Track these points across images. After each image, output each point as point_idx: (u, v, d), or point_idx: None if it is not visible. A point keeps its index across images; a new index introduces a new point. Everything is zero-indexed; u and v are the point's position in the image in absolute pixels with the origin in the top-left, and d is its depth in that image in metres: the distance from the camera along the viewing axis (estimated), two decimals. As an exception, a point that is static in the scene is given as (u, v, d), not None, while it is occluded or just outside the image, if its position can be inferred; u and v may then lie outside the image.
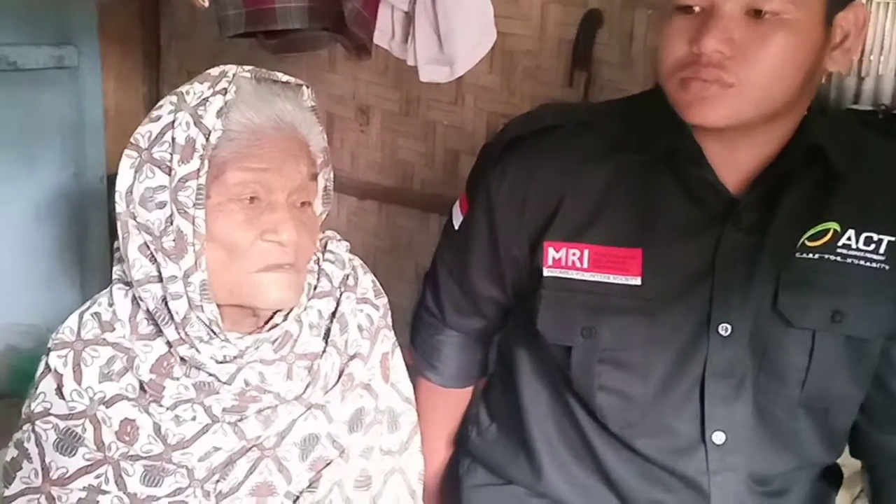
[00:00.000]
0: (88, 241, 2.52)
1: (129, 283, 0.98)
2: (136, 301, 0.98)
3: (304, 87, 1.02)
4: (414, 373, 1.20)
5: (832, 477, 1.23)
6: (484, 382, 1.41)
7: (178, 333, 0.95)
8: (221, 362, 0.96)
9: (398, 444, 1.09)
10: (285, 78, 1.01)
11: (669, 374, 1.09)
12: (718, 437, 1.08)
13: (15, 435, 0.99)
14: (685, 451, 1.10)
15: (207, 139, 0.92)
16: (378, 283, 1.14)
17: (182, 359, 0.97)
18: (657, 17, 1.61)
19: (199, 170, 0.92)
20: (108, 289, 1.02)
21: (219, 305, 0.95)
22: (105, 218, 2.50)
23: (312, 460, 1.00)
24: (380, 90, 2.08)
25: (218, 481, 0.96)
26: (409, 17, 1.83)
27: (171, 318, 0.95)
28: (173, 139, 0.93)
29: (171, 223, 0.93)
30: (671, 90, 1.01)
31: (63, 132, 2.46)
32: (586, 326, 1.10)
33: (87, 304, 1.03)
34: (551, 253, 1.11)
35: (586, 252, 1.09)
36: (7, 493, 0.96)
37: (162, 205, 0.94)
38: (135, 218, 0.94)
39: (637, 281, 1.07)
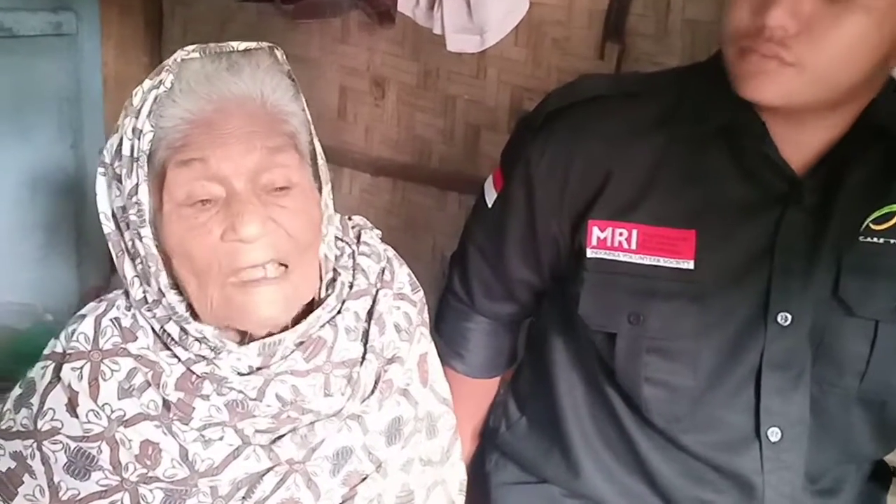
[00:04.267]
0: (86, 215, 2.45)
1: (148, 282, 0.91)
2: None
3: (272, 49, 0.91)
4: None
5: (882, 476, 1.21)
6: (511, 372, 1.37)
7: (189, 353, 0.87)
8: (245, 374, 0.87)
9: (439, 452, 1.03)
10: (244, 46, 0.89)
11: (721, 365, 1.05)
12: (774, 434, 1.05)
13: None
14: (737, 448, 1.06)
15: (142, 143, 0.84)
16: (413, 276, 1.07)
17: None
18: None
19: (137, 182, 0.83)
20: (124, 289, 0.93)
21: None
22: (104, 192, 2.42)
23: (346, 475, 0.92)
24: (396, 62, 2.00)
25: (244, 498, 0.88)
26: (437, -17, 1.75)
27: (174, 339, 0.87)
28: (120, 150, 0.85)
29: (135, 246, 0.86)
30: (729, 58, 0.96)
31: (60, 102, 2.40)
32: (633, 312, 1.06)
33: (102, 305, 0.93)
34: (595, 232, 1.07)
35: (635, 232, 1.05)
36: None
37: (131, 223, 0.86)
38: (122, 237, 0.88)
39: (689, 264, 1.03)
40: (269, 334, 0.88)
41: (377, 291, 0.98)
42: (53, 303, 2.33)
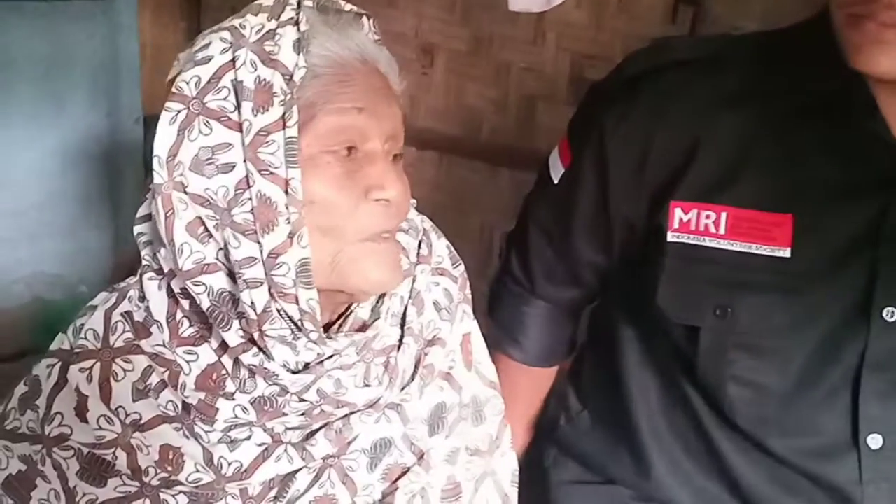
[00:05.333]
0: (121, 186, 2.44)
1: (161, 272, 0.81)
2: (173, 295, 0.81)
3: (367, 19, 0.86)
4: (492, 348, 1.07)
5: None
6: (569, 362, 1.29)
7: (245, 335, 0.78)
8: (296, 371, 0.79)
9: (487, 440, 0.96)
10: (348, 7, 0.84)
11: (815, 364, 0.97)
12: (875, 441, 0.97)
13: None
14: (832, 456, 0.99)
15: (290, 79, 0.76)
16: (453, 249, 0.99)
17: (236, 368, 0.80)
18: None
19: (283, 118, 0.75)
20: (135, 279, 0.85)
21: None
22: (140, 162, 2.41)
23: (385, 469, 0.85)
24: (446, 27, 1.94)
25: (276, 498, 0.81)
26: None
27: (239, 315, 0.77)
28: (238, 83, 0.75)
29: (248, 190, 0.75)
30: (839, 25, 0.88)
31: (95, 69, 2.36)
32: (720, 304, 0.97)
33: (112, 298, 0.85)
34: (678, 214, 0.98)
35: (724, 215, 0.97)
36: None
37: (228, 167, 0.76)
38: (184, 188, 0.76)
39: (786, 252, 0.95)
40: (333, 322, 0.85)
41: (414, 268, 0.92)
42: (87, 274, 2.32)
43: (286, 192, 0.75)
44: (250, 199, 0.75)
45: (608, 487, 1.14)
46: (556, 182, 1.14)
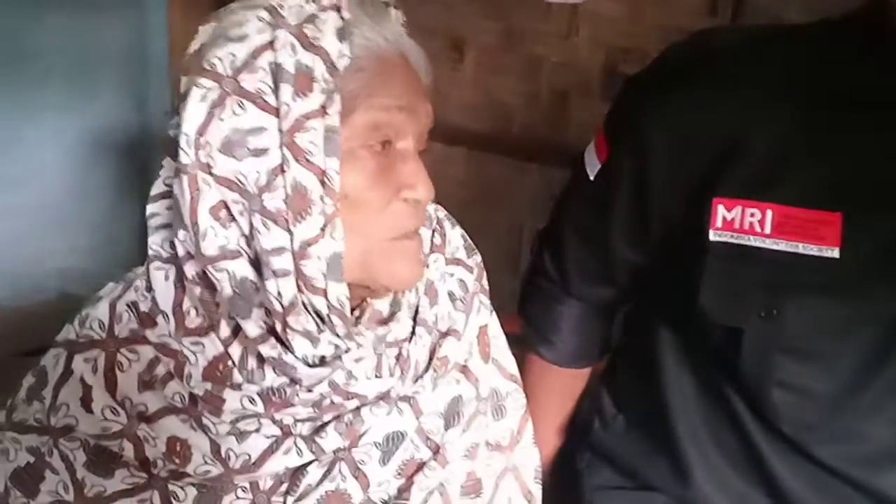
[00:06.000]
0: (150, 180, 2.34)
1: (169, 261, 0.79)
2: (180, 285, 0.79)
3: (395, 9, 0.83)
4: (523, 348, 1.05)
5: None
6: (603, 363, 1.27)
7: (265, 326, 0.76)
8: (314, 366, 0.77)
9: (507, 435, 0.94)
10: None
11: (865, 369, 0.93)
12: None
13: (17, 436, 0.82)
14: (881, 465, 0.96)
15: (334, 67, 0.73)
16: (468, 238, 0.98)
17: (243, 359, 0.78)
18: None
19: (324, 106, 0.73)
20: (142, 269, 0.83)
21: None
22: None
23: (400, 464, 0.83)
24: (477, 20, 1.91)
25: (287, 493, 0.80)
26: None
27: (259, 304, 0.75)
28: (276, 65, 0.73)
29: (282, 176, 0.73)
30: None
31: (125, 63, 2.39)
32: (765, 306, 0.94)
33: (119, 288, 0.84)
34: (721, 212, 0.95)
35: (769, 213, 0.93)
36: None
37: (261, 152, 0.73)
38: (209, 170, 0.73)
39: (835, 252, 0.91)
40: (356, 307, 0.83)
41: (427, 257, 0.91)
42: (115, 268, 2.30)
43: (322, 183, 0.73)
44: (284, 186, 0.73)
45: (644, 493, 1.12)
46: (591, 178, 1.11)
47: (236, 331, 0.78)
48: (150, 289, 0.80)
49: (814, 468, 0.97)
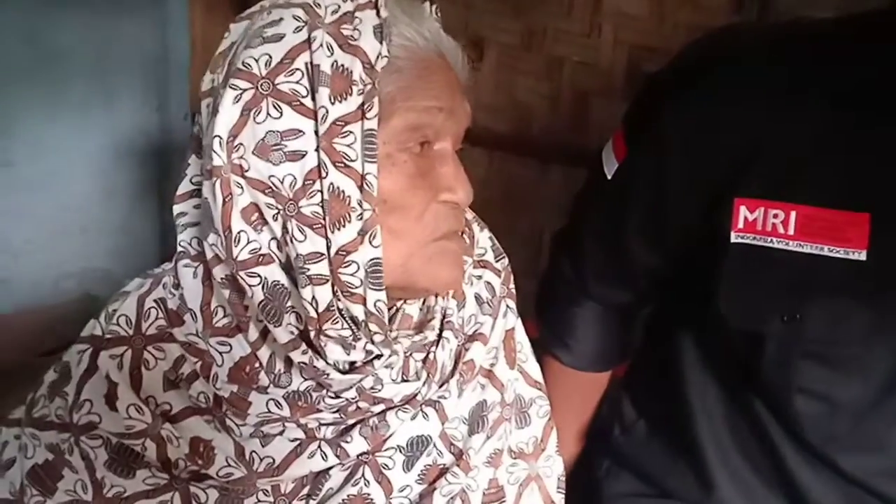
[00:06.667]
0: (170, 182, 2.42)
1: (197, 258, 0.78)
2: (208, 283, 0.78)
3: (429, 4, 0.82)
4: (540, 351, 1.05)
5: None
6: (624, 368, 1.26)
7: (295, 332, 0.75)
8: (346, 372, 0.76)
9: (531, 442, 0.92)
10: None
11: (890, 376, 0.92)
12: None
13: (32, 430, 0.82)
14: None
15: (372, 68, 0.72)
16: (496, 241, 0.97)
17: (270, 362, 0.77)
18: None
19: (362, 109, 0.71)
20: (170, 265, 0.82)
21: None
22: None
23: (423, 469, 0.82)
24: (496, 20, 1.90)
25: (309, 496, 0.80)
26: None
27: (291, 310, 0.74)
28: (313, 66, 0.71)
29: (319, 181, 0.71)
30: None
31: (145, 64, 2.37)
32: (788, 311, 0.93)
33: (147, 284, 0.84)
34: (743, 213, 0.93)
35: (793, 214, 0.91)
36: None
37: (298, 155, 0.71)
38: (243, 172, 0.72)
39: (861, 255, 0.89)
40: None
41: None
42: (136, 271, 2.30)
43: (361, 188, 0.72)
44: (321, 191, 0.71)
45: (665, 501, 1.10)
46: (609, 177, 1.11)
47: (265, 333, 0.77)
48: (178, 286, 0.80)
49: (839, 479, 0.97)
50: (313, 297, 0.72)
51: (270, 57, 0.72)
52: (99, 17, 2.22)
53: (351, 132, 0.71)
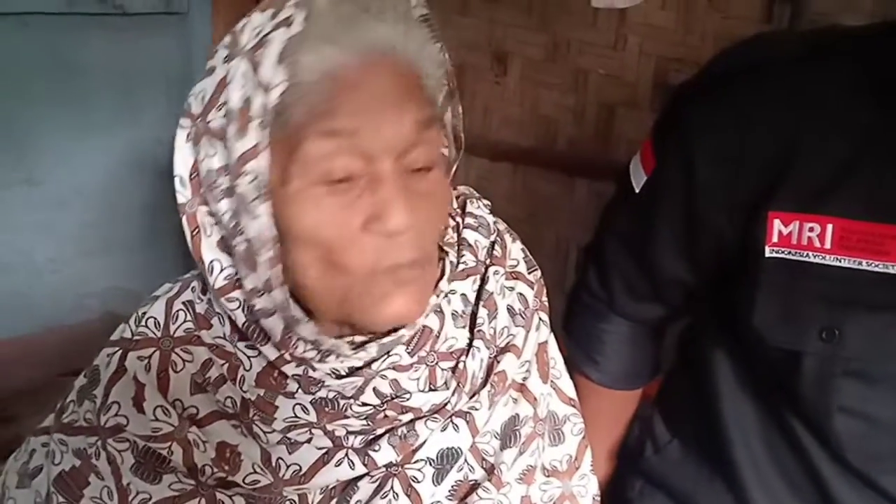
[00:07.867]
0: None
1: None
2: None
3: None
4: (569, 367, 1.01)
5: None
6: (656, 385, 1.21)
7: (280, 352, 0.75)
8: (344, 376, 0.75)
9: (565, 460, 0.90)
10: None
11: None
12: None
13: (63, 436, 0.81)
14: None
15: (268, 97, 0.67)
16: (529, 253, 0.93)
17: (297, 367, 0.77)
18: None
19: (255, 146, 0.67)
20: (198, 270, 0.81)
21: None
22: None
23: (453, 484, 0.80)
24: (521, 33, 1.89)
25: None
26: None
27: (267, 337, 0.74)
28: (218, 100, 0.69)
29: (238, 222, 0.70)
30: None
31: (169, 81, 2.41)
32: (827, 327, 0.88)
33: (175, 287, 0.83)
34: (777, 226, 0.90)
35: (830, 227, 0.87)
36: None
37: (227, 193, 0.70)
38: (206, 205, 0.72)
39: None
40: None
41: (486, 269, 0.87)
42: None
43: (260, 231, 0.70)
44: (241, 231, 0.70)
45: (700, 523, 1.08)
46: (637, 191, 1.07)
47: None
48: (205, 291, 0.79)
49: (882, 500, 0.92)
50: (269, 328, 0.72)
51: (205, 92, 0.71)
52: (123, 35, 2.26)
53: (249, 171, 0.68)
